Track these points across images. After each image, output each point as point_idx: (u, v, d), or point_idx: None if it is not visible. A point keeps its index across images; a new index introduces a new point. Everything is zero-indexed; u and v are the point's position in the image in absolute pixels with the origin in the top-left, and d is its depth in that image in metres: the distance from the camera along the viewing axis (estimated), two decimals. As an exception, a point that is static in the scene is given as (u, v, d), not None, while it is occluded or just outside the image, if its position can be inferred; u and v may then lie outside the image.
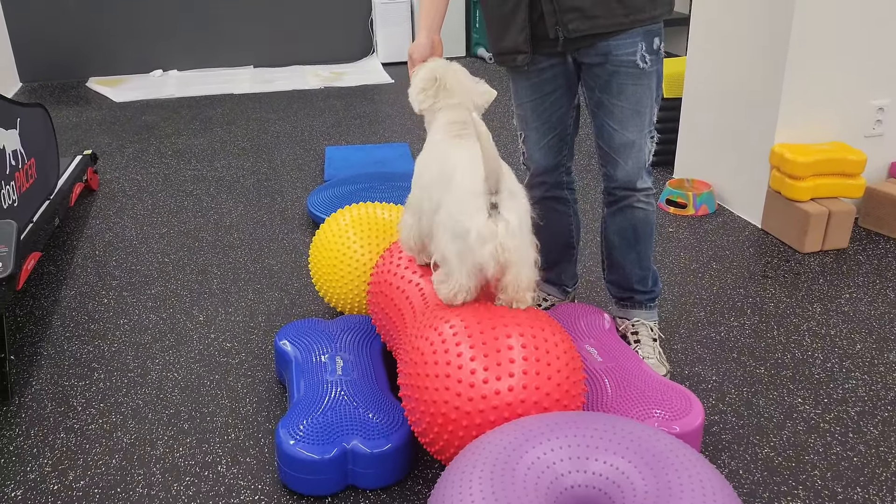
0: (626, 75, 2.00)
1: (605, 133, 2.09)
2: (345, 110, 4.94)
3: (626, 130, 2.05)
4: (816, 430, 2.00)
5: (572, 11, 1.93)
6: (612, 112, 2.04)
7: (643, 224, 2.17)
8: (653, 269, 2.27)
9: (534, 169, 2.27)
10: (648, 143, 2.08)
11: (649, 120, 2.06)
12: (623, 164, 2.09)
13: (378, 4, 5.90)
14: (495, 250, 1.63)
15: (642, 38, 1.97)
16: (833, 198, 2.96)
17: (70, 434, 2.04)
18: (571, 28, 1.95)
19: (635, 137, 2.05)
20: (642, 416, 1.83)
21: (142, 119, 4.83)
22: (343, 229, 2.34)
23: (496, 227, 1.63)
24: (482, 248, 1.63)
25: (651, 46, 1.99)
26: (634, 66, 1.98)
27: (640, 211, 2.15)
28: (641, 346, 2.25)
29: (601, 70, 2.02)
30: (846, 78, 2.97)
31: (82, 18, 5.67)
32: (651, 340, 2.26)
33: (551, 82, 2.11)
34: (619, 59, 1.98)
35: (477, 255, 1.64)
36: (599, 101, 2.06)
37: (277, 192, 3.63)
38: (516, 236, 1.65)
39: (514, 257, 1.65)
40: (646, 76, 2.00)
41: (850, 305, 2.58)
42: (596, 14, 1.92)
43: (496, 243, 1.63)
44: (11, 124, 2.68)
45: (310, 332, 2.18)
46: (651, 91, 2.03)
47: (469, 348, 1.62)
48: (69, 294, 2.75)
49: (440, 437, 1.64)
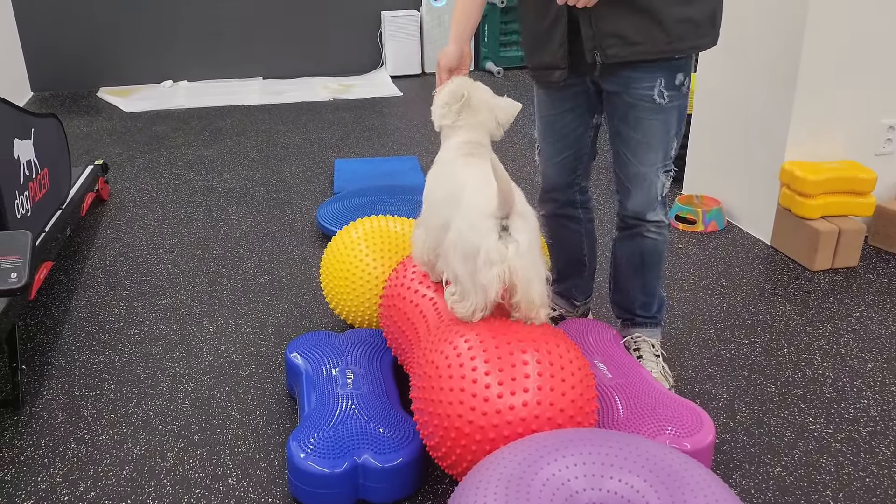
0: (642, 109, 1.97)
1: (619, 161, 2.08)
2: (354, 123, 4.96)
3: (638, 162, 2.03)
4: (828, 449, 2.00)
5: (613, 37, 1.88)
6: (627, 142, 2.03)
7: (651, 253, 2.16)
8: (659, 295, 2.25)
9: (545, 184, 2.27)
10: (662, 177, 2.05)
11: (664, 155, 2.03)
12: (634, 194, 2.08)
13: (387, 17, 5.94)
14: (502, 272, 1.63)
15: (664, 73, 1.93)
16: (843, 216, 2.96)
17: (81, 444, 2.04)
18: (610, 54, 1.90)
19: (647, 171, 2.03)
20: (653, 433, 1.83)
21: (152, 129, 4.85)
22: (355, 242, 2.35)
23: (506, 250, 1.63)
24: (489, 270, 1.64)
25: (672, 82, 1.94)
26: (651, 101, 1.95)
27: (650, 241, 2.14)
28: (644, 362, 2.24)
29: (619, 100, 2.00)
30: (856, 96, 2.98)
31: (93, 29, 5.71)
32: (653, 356, 2.25)
33: (571, 100, 2.11)
34: (637, 92, 1.95)
35: (482, 277, 1.65)
36: (617, 130, 2.05)
37: (287, 203, 3.64)
38: (525, 257, 1.65)
39: (524, 277, 1.65)
40: (663, 112, 1.97)
41: (860, 324, 2.57)
42: (637, 41, 1.87)
43: (504, 266, 1.63)
44: (26, 134, 2.70)
45: (320, 345, 2.18)
46: (669, 126, 2.00)
47: (484, 363, 1.62)
48: (80, 304, 2.75)
49: (453, 452, 1.64)
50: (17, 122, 2.64)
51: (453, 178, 1.82)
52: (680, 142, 2.06)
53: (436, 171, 1.94)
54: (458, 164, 1.85)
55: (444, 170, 1.89)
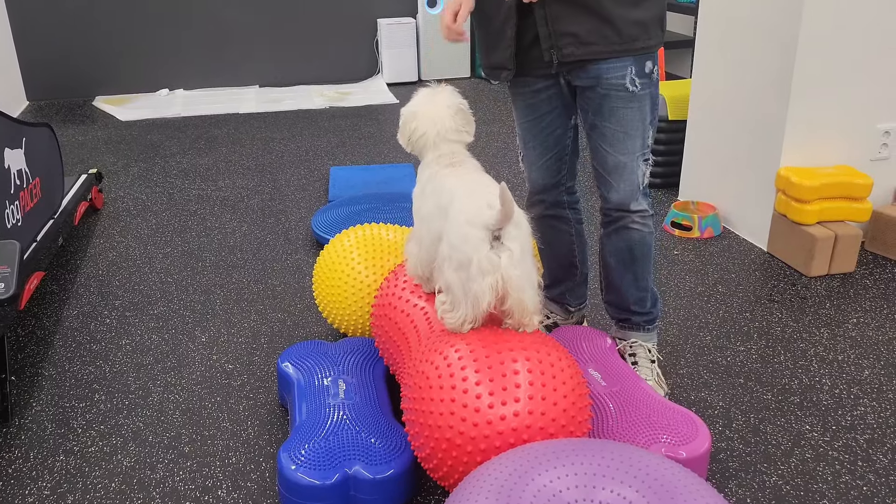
0: (616, 98, 2.01)
1: (598, 155, 2.10)
2: (350, 130, 4.95)
3: (617, 153, 2.06)
4: (825, 458, 1.97)
5: (567, 36, 1.94)
6: (605, 134, 2.06)
7: (639, 245, 2.16)
8: (652, 290, 2.25)
9: (532, 187, 2.29)
10: (642, 165, 2.08)
11: (642, 143, 2.06)
12: (616, 185, 2.09)
13: (384, 25, 5.93)
14: (495, 282, 1.62)
15: (632, 62, 1.98)
16: (839, 221, 2.94)
17: (70, 457, 2.02)
18: (566, 53, 1.96)
19: (627, 160, 2.06)
20: (648, 442, 1.81)
21: (147, 138, 4.84)
22: (347, 250, 2.33)
23: (498, 259, 1.62)
24: (482, 280, 1.62)
25: (642, 70, 2.00)
26: (624, 89, 2.00)
27: (636, 232, 2.14)
28: (639, 368, 2.23)
29: (593, 93, 2.03)
30: (852, 101, 2.97)
31: (89, 38, 5.70)
32: (649, 362, 2.24)
33: (547, 103, 2.13)
34: (610, 82, 2.00)
35: (475, 287, 1.63)
36: (593, 124, 2.08)
37: (281, 212, 3.63)
38: (518, 266, 1.64)
39: (517, 284, 1.64)
40: (636, 99, 2.01)
41: (857, 330, 2.55)
42: (591, 41, 1.94)
43: (497, 276, 1.62)
44: (17, 144, 2.68)
45: (312, 355, 2.16)
46: (643, 114, 2.04)
47: (475, 373, 1.60)
48: (71, 314, 2.73)
49: (444, 463, 1.62)
50: (7, 131, 2.63)
51: (440, 190, 1.82)
52: (655, 131, 2.10)
53: (421, 186, 1.94)
54: (441, 176, 1.85)
55: (429, 184, 1.89)
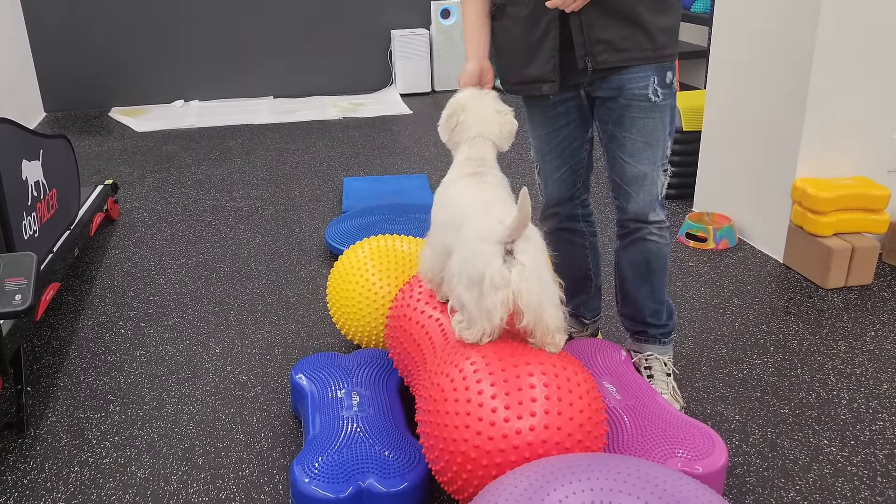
0: (638, 108, 2.01)
1: (616, 166, 2.09)
2: (363, 141, 4.96)
3: (637, 163, 2.05)
4: (843, 473, 1.95)
5: (602, 43, 1.95)
6: (624, 145, 2.05)
7: (656, 257, 2.15)
8: (667, 302, 2.23)
9: (547, 200, 2.29)
10: (661, 176, 2.08)
11: (662, 153, 2.06)
12: (635, 196, 2.08)
13: (397, 36, 5.96)
14: (506, 298, 1.61)
15: (655, 72, 1.99)
16: (856, 233, 2.92)
17: (84, 468, 2.02)
18: (600, 60, 1.96)
19: (647, 170, 2.05)
20: (664, 456, 1.79)
21: (163, 149, 4.87)
22: (361, 261, 2.33)
23: (509, 274, 1.61)
24: (494, 295, 1.61)
25: (663, 80, 2.01)
26: (647, 99, 2.00)
27: (653, 244, 2.13)
28: (655, 382, 2.21)
29: (614, 104, 2.03)
30: (868, 112, 2.95)
31: (106, 50, 5.76)
32: (665, 375, 2.23)
33: (564, 116, 2.13)
34: (632, 92, 2.00)
35: (488, 302, 1.62)
36: (612, 135, 2.07)
37: (295, 222, 3.63)
38: (531, 279, 1.62)
39: (532, 300, 1.62)
40: (658, 109, 2.02)
41: (875, 343, 2.53)
42: (624, 47, 1.95)
43: (508, 291, 1.61)
44: (34, 156, 2.71)
45: (326, 367, 2.16)
46: (664, 125, 2.04)
47: (490, 386, 1.59)
48: (87, 325, 2.75)
49: (458, 477, 1.61)
50: (25, 143, 2.65)
51: (456, 202, 1.82)
52: (673, 141, 2.11)
53: (441, 192, 1.93)
54: (460, 187, 1.85)
55: (448, 192, 1.89)
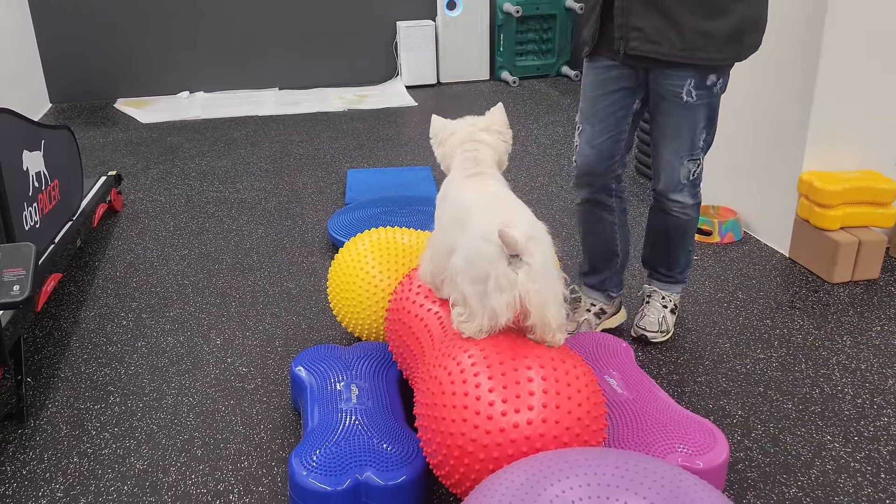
0: (671, 103, 2.14)
1: (653, 144, 2.28)
2: (367, 133, 4.94)
3: (664, 149, 2.21)
4: (846, 469, 1.93)
5: (635, 31, 2.05)
6: (659, 129, 2.21)
7: (675, 230, 2.34)
8: (681, 263, 2.42)
9: (582, 166, 2.33)
10: (687, 164, 2.20)
11: (691, 145, 2.17)
12: (660, 175, 2.26)
13: (402, 28, 5.93)
14: (513, 299, 1.58)
15: (694, 74, 2.07)
16: (863, 227, 2.89)
17: (83, 459, 2.02)
18: (633, 46, 2.06)
19: (671, 158, 2.21)
20: (665, 451, 1.78)
21: (167, 140, 4.87)
22: (362, 254, 2.32)
23: (516, 275, 1.58)
24: (500, 296, 1.58)
25: (702, 82, 2.08)
26: (679, 97, 2.10)
27: (673, 218, 2.31)
28: (648, 307, 2.41)
29: (654, 89, 2.16)
30: (876, 105, 2.91)
31: (111, 41, 5.75)
32: (660, 306, 2.42)
33: (615, 82, 2.20)
34: (667, 87, 2.11)
35: (493, 303, 1.60)
36: (653, 115, 2.23)
37: (298, 214, 3.62)
38: (538, 279, 1.59)
39: (537, 300, 1.60)
40: (690, 108, 2.11)
41: (881, 339, 2.50)
42: (655, 40, 2.03)
43: (514, 293, 1.58)
44: (36, 146, 2.70)
45: (326, 359, 2.15)
46: (695, 122, 2.15)
47: (488, 379, 1.58)
48: (88, 315, 2.75)
49: (456, 470, 1.60)
50: (26, 133, 2.64)
51: (458, 200, 1.80)
52: (713, 134, 2.21)
53: (443, 193, 1.91)
54: (461, 186, 1.83)
55: (450, 194, 1.87)
